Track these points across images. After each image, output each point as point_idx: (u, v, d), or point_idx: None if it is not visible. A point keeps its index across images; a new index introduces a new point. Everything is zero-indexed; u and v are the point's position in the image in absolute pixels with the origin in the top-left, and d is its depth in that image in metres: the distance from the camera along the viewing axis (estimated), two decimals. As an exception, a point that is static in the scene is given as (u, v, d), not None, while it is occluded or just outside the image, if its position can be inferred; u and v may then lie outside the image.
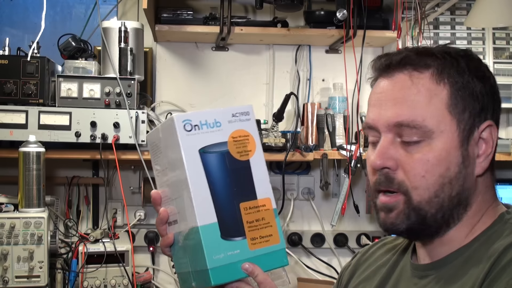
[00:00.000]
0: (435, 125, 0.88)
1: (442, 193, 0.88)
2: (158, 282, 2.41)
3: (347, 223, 2.53)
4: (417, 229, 0.91)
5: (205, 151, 0.88)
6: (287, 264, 0.91)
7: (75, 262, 2.01)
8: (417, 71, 0.90)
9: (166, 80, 2.44)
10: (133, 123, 1.99)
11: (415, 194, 0.88)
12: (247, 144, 0.91)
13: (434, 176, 0.88)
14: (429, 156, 0.88)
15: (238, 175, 0.89)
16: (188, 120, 0.88)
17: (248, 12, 2.47)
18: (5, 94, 1.95)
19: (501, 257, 0.83)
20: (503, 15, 1.93)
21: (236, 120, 0.91)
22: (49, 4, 2.21)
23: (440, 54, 0.91)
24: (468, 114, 0.89)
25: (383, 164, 0.90)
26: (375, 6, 2.28)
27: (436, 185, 0.88)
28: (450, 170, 0.88)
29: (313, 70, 2.50)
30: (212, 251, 0.86)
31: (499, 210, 0.93)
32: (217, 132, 0.89)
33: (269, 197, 0.91)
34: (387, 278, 1.03)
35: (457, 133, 0.88)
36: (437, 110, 0.88)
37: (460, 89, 0.89)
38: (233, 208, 0.88)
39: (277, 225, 0.90)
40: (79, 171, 2.37)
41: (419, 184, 0.88)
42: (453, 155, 0.88)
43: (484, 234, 0.90)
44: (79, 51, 2.10)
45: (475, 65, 0.91)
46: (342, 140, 2.30)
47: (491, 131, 0.91)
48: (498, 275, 0.81)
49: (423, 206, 0.89)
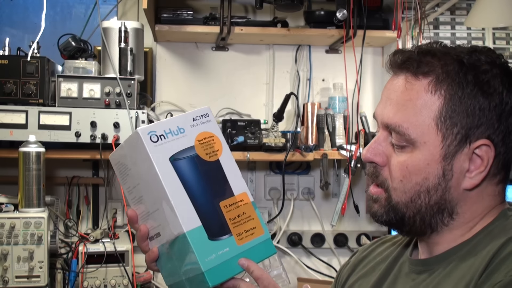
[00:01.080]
0: (418, 136, 0.87)
1: (418, 200, 0.89)
2: (158, 282, 2.41)
3: (347, 223, 2.53)
4: (397, 225, 0.93)
5: (175, 158, 0.89)
6: (275, 252, 0.94)
7: (75, 262, 2.01)
8: (414, 76, 0.88)
9: (166, 80, 2.44)
10: (133, 123, 1.99)
11: (394, 194, 0.91)
12: (213, 144, 0.93)
13: (410, 183, 0.89)
14: (408, 163, 0.89)
15: (211, 175, 0.91)
16: (153, 131, 0.89)
17: (248, 12, 2.47)
18: (5, 94, 1.95)
19: (500, 250, 0.83)
20: (503, 15, 1.93)
21: (197, 123, 0.93)
22: (49, 4, 2.21)
23: (451, 59, 0.87)
24: (458, 129, 0.86)
25: (371, 159, 0.93)
26: (375, 6, 2.28)
27: (412, 191, 0.89)
28: (428, 180, 0.88)
29: (313, 70, 2.50)
30: (203, 254, 0.86)
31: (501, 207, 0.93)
32: (183, 138, 0.91)
33: (245, 191, 0.93)
34: (386, 274, 1.03)
35: (440, 147, 0.87)
36: (423, 121, 0.87)
37: (455, 103, 0.86)
38: (214, 208, 0.90)
39: (258, 217, 0.93)
40: (79, 171, 2.37)
41: (397, 186, 0.91)
42: (433, 167, 0.88)
43: (485, 230, 0.90)
44: (79, 51, 2.10)
45: (487, 79, 0.86)
46: (342, 140, 2.30)
47: (487, 151, 0.86)
48: (496, 267, 0.81)
49: (400, 207, 0.91)
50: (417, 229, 0.92)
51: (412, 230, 0.93)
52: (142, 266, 2.38)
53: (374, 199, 0.94)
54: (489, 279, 0.81)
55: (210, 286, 0.86)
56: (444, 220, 0.90)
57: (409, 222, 0.91)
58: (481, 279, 0.82)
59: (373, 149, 0.93)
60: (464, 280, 0.84)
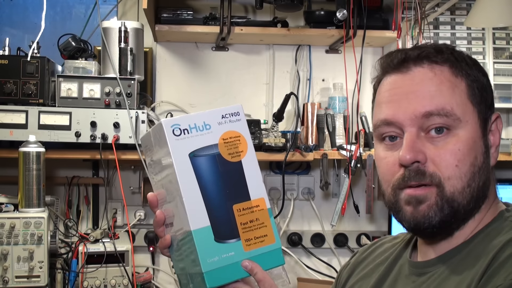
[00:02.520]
0: (461, 114, 0.88)
1: (473, 183, 0.88)
2: (158, 282, 2.41)
3: (347, 223, 2.53)
4: (449, 222, 0.89)
5: (195, 154, 0.87)
6: (283, 263, 0.91)
7: (75, 262, 2.01)
8: (437, 64, 0.91)
9: (166, 80, 2.44)
10: (133, 123, 1.99)
11: (449, 185, 0.87)
12: (239, 145, 0.90)
13: (466, 166, 0.87)
14: (459, 146, 0.87)
15: (230, 176, 0.89)
16: (177, 124, 0.88)
17: (248, 12, 2.47)
18: (5, 94, 1.95)
19: (499, 253, 0.83)
20: (503, 15, 1.93)
21: (226, 121, 0.91)
22: (49, 4, 2.22)
23: (449, 51, 0.93)
24: (484, 105, 0.91)
25: (415, 158, 0.87)
26: (375, 6, 2.28)
27: (468, 174, 0.88)
28: (477, 159, 0.89)
29: (313, 70, 2.50)
30: (206, 254, 0.86)
31: (499, 208, 0.94)
32: (207, 134, 0.89)
33: (263, 197, 0.90)
34: (385, 276, 1.03)
35: (478, 123, 0.90)
36: (461, 100, 0.89)
37: (474, 82, 0.91)
38: (226, 210, 0.88)
39: (272, 225, 0.90)
40: (79, 171, 2.37)
41: (452, 174, 0.87)
42: (478, 144, 0.89)
43: (483, 231, 0.90)
44: (79, 51, 2.10)
45: (475, 61, 0.94)
46: (342, 140, 2.30)
47: (497, 123, 0.94)
48: (496, 270, 0.81)
49: (456, 197, 0.87)
50: (459, 222, 0.90)
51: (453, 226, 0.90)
52: (142, 266, 2.39)
53: (419, 200, 0.88)
54: (489, 282, 0.81)
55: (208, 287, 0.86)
56: (481, 203, 0.91)
57: (460, 214, 0.88)
58: (480, 283, 0.81)
59: (412, 148, 0.87)
60: (464, 283, 0.84)
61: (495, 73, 2.36)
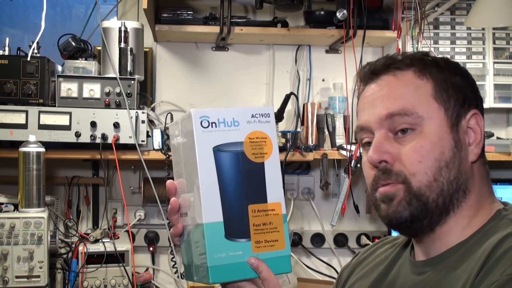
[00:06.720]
0: (424, 112, 0.92)
1: (440, 177, 0.90)
2: (158, 282, 2.41)
3: (347, 223, 2.53)
4: (420, 216, 0.91)
5: (219, 149, 0.88)
6: (289, 271, 0.91)
7: (75, 262, 2.01)
8: (400, 70, 0.96)
9: (166, 80, 2.44)
10: (133, 123, 1.99)
11: (414, 180, 0.90)
12: (264, 146, 0.91)
13: (430, 161, 0.90)
14: (422, 143, 0.91)
15: (250, 176, 0.89)
16: (206, 116, 0.88)
17: (248, 12, 2.47)
18: (5, 94, 1.95)
19: (495, 249, 0.84)
20: (503, 15, 1.93)
21: (255, 121, 0.91)
22: (49, 4, 2.21)
23: (419, 57, 0.97)
24: (453, 102, 0.93)
25: (380, 158, 0.92)
26: (375, 6, 2.28)
27: (433, 168, 0.90)
28: (444, 154, 0.91)
29: (313, 70, 2.50)
30: (214, 249, 0.86)
31: (496, 207, 0.94)
32: (234, 131, 0.89)
33: (280, 202, 0.90)
34: (385, 274, 1.04)
35: (445, 119, 0.92)
36: (424, 98, 0.93)
37: (442, 82, 0.94)
38: (241, 209, 0.88)
39: (284, 231, 0.90)
40: (79, 171, 2.37)
41: (416, 170, 0.90)
42: (446, 139, 0.91)
43: (481, 231, 0.91)
44: (79, 51, 2.10)
45: (453, 64, 0.98)
46: (342, 140, 2.30)
47: (477, 120, 0.95)
48: (492, 266, 0.82)
49: (423, 191, 0.90)
50: (434, 217, 0.91)
51: (428, 221, 0.92)
52: (142, 266, 2.39)
53: (390, 197, 0.92)
54: (485, 278, 0.81)
55: (211, 282, 0.86)
56: (459, 200, 0.92)
57: (431, 208, 0.90)
58: (477, 279, 0.82)
59: (378, 149, 0.92)
60: (461, 281, 0.85)
61: (495, 73, 2.36)
